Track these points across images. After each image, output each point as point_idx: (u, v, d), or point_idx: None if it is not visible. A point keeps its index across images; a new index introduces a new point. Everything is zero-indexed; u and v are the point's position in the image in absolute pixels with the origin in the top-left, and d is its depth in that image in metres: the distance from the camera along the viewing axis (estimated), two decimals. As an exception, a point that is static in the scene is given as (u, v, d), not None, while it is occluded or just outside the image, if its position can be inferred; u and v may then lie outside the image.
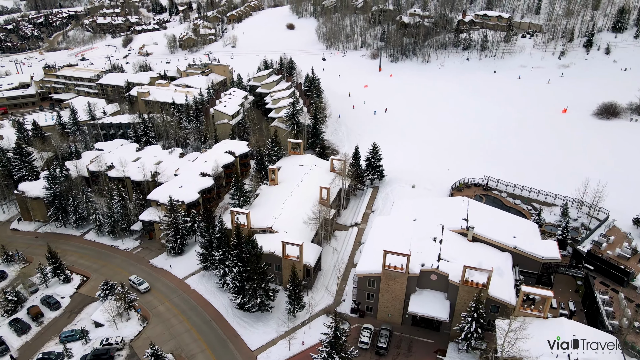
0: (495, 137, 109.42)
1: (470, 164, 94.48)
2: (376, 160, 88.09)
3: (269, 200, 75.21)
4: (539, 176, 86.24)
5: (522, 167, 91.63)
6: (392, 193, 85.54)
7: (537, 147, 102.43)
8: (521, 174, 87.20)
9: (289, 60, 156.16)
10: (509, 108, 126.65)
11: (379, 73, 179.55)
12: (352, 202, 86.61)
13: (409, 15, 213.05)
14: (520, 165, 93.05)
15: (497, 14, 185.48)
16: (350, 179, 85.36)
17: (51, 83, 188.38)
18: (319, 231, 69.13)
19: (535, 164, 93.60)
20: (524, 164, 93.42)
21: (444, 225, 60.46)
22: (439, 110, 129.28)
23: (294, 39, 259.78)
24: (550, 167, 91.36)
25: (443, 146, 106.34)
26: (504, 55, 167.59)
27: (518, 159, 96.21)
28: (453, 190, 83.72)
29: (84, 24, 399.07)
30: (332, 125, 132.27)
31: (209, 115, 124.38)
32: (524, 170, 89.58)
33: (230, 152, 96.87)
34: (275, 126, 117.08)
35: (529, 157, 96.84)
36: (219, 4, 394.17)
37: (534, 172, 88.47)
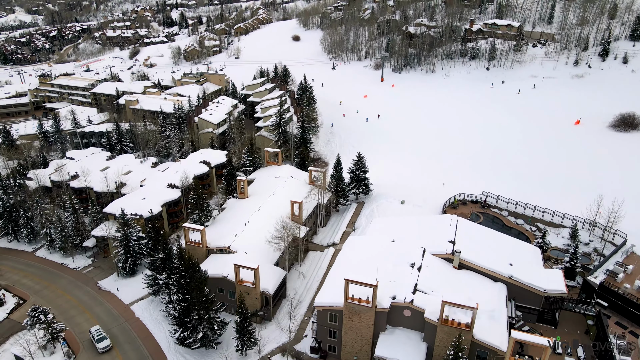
0: (499, 150, 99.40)
1: (469, 179, 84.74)
2: (361, 172, 78.94)
3: (234, 215, 66.56)
4: (545, 193, 76.01)
5: (527, 183, 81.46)
6: (377, 209, 76.13)
7: (544, 161, 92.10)
8: (525, 190, 77.12)
9: (283, 68, 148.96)
10: (516, 119, 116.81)
11: (380, 83, 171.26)
12: (333, 219, 77.34)
13: (415, 25, 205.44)
14: (524, 180, 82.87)
15: (506, 23, 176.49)
16: (331, 193, 76.38)
17: (45, 92, 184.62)
18: (285, 252, 59.92)
19: (542, 179, 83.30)
20: (529, 180, 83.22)
21: (426, 249, 50.82)
22: (439, 121, 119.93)
23: (299, 50, 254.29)
24: (558, 183, 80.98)
25: (440, 159, 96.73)
26: (514, 65, 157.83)
27: (522, 174, 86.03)
28: (446, 207, 73.96)
29: (94, 37, 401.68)
30: (324, 136, 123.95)
31: (192, 124, 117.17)
32: (529, 187, 79.44)
33: (205, 162, 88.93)
34: (261, 135, 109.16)
35: (535, 172, 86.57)
36: (228, 17, 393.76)
37: (540, 189, 78.26)
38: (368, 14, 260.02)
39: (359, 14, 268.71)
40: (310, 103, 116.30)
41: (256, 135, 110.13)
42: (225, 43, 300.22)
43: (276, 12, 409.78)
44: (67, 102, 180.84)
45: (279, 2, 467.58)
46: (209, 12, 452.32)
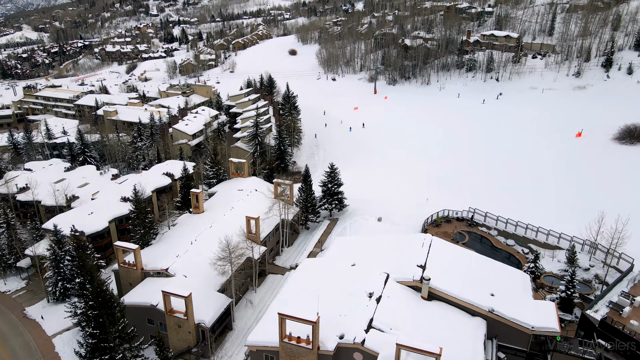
0: (491, 163, 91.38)
1: (457, 195, 76.53)
2: (334, 185, 70.87)
3: (183, 232, 58.55)
4: (539, 210, 67.60)
5: (520, 199, 73.10)
6: (351, 227, 67.80)
7: (540, 175, 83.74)
8: (518, 207, 68.69)
9: (269, 78, 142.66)
10: (512, 131, 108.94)
11: (373, 95, 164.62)
12: (301, 237, 69.03)
13: (411, 38, 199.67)
14: (517, 196, 74.51)
15: (505, 34, 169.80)
16: (299, 208, 68.30)
17: (29, 104, 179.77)
18: (232, 276, 51.58)
19: (537, 195, 74.92)
20: (521, 196, 74.87)
21: (390, 275, 42.39)
22: (428, 133, 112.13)
23: (295, 64, 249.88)
24: (555, 199, 72.54)
25: (426, 173, 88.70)
26: (512, 77, 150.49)
27: (515, 189, 77.67)
28: (427, 225, 65.49)
29: (93, 52, 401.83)
30: (308, 148, 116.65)
31: (166, 135, 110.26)
32: (522, 203, 71.07)
33: (168, 174, 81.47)
34: (236, 147, 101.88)
35: (529, 187, 78.22)
36: (229, 33, 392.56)
37: (534, 205, 69.88)
38: (365, 28, 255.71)
39: (357, 28, 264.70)
40: (292, 113, 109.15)
41: (232, 146, 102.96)
42: (222, 57, 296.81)
43: (276, 28, 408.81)
44: (51, 114, 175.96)
45: (280, 18, 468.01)
46: (210, 29, 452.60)
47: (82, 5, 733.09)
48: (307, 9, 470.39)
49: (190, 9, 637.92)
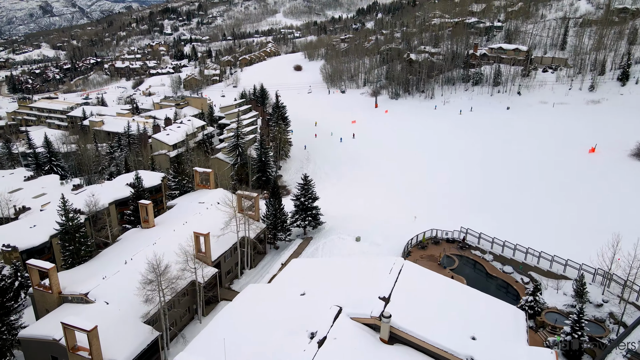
0: (490, 180, 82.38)
1: (450, 213, 67.45)
2: (308, 199, 62.48)
3: (122, 250, 50.58)
4: (542, 232, 58.08)
5: (521, 220, 63.73)
6: (324, 248, 59.04)
7: (546, 193, 74.31)
8: (518, 228, 59.38)
9: (261, 89, 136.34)
10: (518, 147, 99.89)
11: (374, 109, 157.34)
12: (268, 258, 60.47)
13: (417, 52, 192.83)
14: (517, 216, 65.15)
15: (514, 47, 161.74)
16: (266, 225, 60.00)
17: (23, 115, 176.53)
18: (161, 304, 43.12)
19: (540, 215, 65.44)
20: (523, 216, 65.46)
21: (343, 308, 33.57)
22: (426, 147, 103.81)
23: (299, 79, 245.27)
24: (561, 220, 62.95)
25: (418, 189, 79.90)
26: (521, 91, 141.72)
27: (515, 209, 68.40)
28: (411, 247, 56.44)
29: (103, 68, 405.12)
30: (297, 161, 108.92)
31: (146, 145, 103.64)
32: (523, 224, 61.66)
33: (132, 184, 73.99)
34: (216, 158, 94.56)
35: (532, 206, 68.84)
36: (237, 50, 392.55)
37: (535, 227, 60.39)
38: (372, 44, 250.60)
39: (363, 44, 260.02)
40: (279, 123, 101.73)
41: (212, 157, 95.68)
42: (228, 73, 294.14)
43: (285, 46, 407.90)
44: (44, 126, 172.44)
45: (291, 37, 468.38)
46: (220, 47, 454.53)
47: (100, 25, 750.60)
48: (317, 28, 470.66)
49: (204, 28, 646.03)
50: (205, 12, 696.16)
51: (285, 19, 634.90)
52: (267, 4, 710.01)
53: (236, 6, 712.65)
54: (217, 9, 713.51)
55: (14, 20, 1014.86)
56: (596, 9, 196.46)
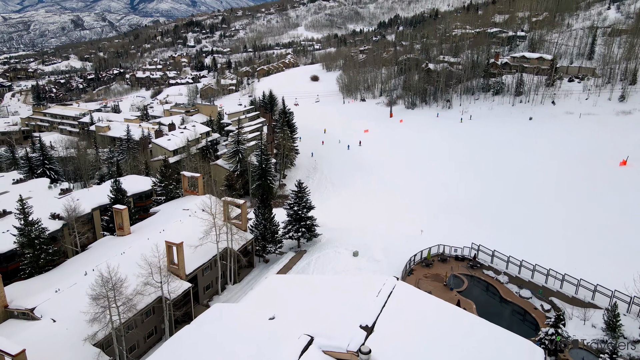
0: (509, 193, 75.10)
1: (461, 228, 60.60)
2: (302, 209, 56.68)
3: (87, 259, 45.71)
4: (567, 252, 50.68)
5: (543, 237, 56.36)
6: (316, 262, 52.96)
7: (572, 208, 66.62)
8: (539, 247, 52.14)
9: (269, 95, 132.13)
10: (541, 159, 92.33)
11: (388, 119, 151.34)
12: (255, 272, 54.70)
13: (435, 62, 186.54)
14: (538, 233, 57.77)
15: (537, 56, 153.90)
16: (254, 235, 54.39)
17: (37, 121, 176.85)
18: (111, 325, 37.72)
19: (565, 232, 57.90)
20: (546, 233, 58.06)
21: (315, 338, 27.43)
22: (440, 158, 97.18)
23: (316, 89, 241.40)
24: (589, 239, 55.33)
25: (428, 201, 73.23)
26: (544, 101, 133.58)
27: (536, 225, 60.95)
28: (414, 264, 49.85)
29: (125, 78, 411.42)
30: (304, 170, 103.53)
31: (146, 149, 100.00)
32: (545, 242, 54.33)
33: (116, 189, 69.71)
34: (216, 165, 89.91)
35: (556, 223, 61.30)
36: (256, 61, 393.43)
37: (561, 245, 53.01)
38: (390, 55, 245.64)
39: (381, 55, 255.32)
40: (283, 129, 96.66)
41: (212, 164, 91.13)
42: (245, 83, 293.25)
43: (304, 57, 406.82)
44: (56, 132, 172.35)
45: (311, 49, 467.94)
46: (240, 58, 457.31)
47: (127, 38, 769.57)
48: (337, 40, 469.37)
49: (226, 40, 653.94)
50: (228, 25, 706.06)
51: (307, 32, 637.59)
52: (289, 17, 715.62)
53: (259, 19, 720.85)
54: (240, 22, 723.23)
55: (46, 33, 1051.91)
56: (626, 18, 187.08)
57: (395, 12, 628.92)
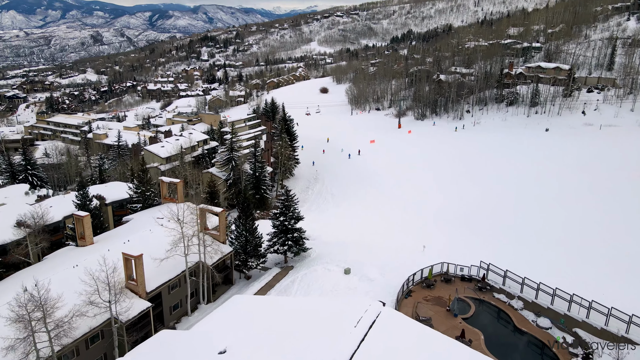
0: (523, 208, 67.94)
1: (469, 244, 53.88)
2: (289, 219, 50.54)
3: (37, 274, 39.92)
4: (596, 274, 43.50)
5: (564, 257, 49.21)
6: (302, 281, 46.54)
7: (595, 225, 59.30)
8: (560, 268, 45.10)
9: (271, 102, 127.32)
10: (558, 171, 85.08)
11: (397, 130, 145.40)
12: (234, 290, 48.49)
13: (447, 73, 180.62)
14: (560, 252, 50.64)
15: (554, 65, 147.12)
16: (234, 248, 48.36)
17: (40, 129, 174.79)
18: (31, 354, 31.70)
19: (591, 252, 50.63)
20: (567, 252, 50.87)
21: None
22: (448, 169, 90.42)
23: (324, 101, 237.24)
24: (619, 259, 48.01)
25: (434, 214, 66.49)
26: (562, 112, 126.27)
27: (555, 242, 53.78)
28: (413, 284, 43.14)
29: (136, 90, 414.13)
30: (304, 180, 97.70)
31: (137, 156, 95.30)
32: (566, 262, 47.21)
33: (98, 196, 64.59)
34: (209, 172, 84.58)
35: (578, 241, 54.05)
36: (267, 74, 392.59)
37: (585, 266, 45.83)
38: (401, 67, 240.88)
39: (392, 67, 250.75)
40: (282, 136, 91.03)
41: (204, 171, 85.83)
42: (254, 95, 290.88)
43: (315, 71, 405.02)
44: (59, 140, 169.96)
45: (322, 63, 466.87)
46: (252, 72, 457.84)
47: (143, 52, 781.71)
48: (349, 55, 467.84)
49: (239, 55, 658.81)
50: (242, 40, 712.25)
51: (320, 47, 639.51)
52: (303, 32, 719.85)
53: (272, 34, 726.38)
54: (253, 37, 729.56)
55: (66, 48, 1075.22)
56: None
57: (408, 27, 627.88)
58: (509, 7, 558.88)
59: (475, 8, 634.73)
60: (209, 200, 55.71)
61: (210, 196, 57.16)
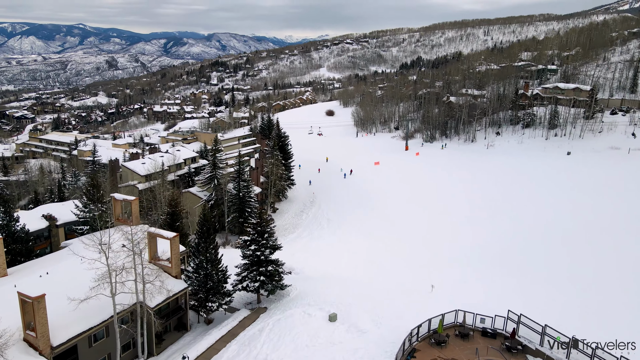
0: (552, 241, 56.90)
1: (491, 288, 42.90)
2: (263, 249, 40.23)
3: None
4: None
5: (623, 305, 38.12)
6: (273, 329, 35.82)
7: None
8: (618, 319, 34.04)
9: (267, 120, 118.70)
10: (587, 200, 74.05)
11: (404, 152, 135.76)
12: (188, 338, 37.84)
13: (458, 95, 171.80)
14: (613, 298, 39.54)
15: (574, 86, 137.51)
16: (189, 284, 38.05)
17: (32, 147, 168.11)
18: None
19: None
20: (623, 296, 39.77)
21: None
22: (460, 195, 79.96)
23: (329, 123, 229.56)
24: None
25: (443, 247, 55.70)
26: (584, 135, 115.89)
27: (608, 284, 42.67)
28: (418, 340, 32.26)
29: (142, 112, 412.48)
30: (300, 203, 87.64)
31: (115, 173, 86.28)
32: (623, 312, 36.12)
33: (48, 216, 55.16)
34: (189, 192, 74.98)
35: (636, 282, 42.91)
36: (274, 98, 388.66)
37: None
38: (409, 89, 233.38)
39: (401, 90, 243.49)
40: (274, 154, 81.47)
41: (184, 191, 76.27)
42: (259, 118, 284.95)
43: (323, 95, 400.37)
44: (50, 158, 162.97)
45: (330, 87, 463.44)
46: (259, 95, 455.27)
47: (154, 77, 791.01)
48: (357, 80, 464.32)
49: (248, 79, 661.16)
50: (251, 65, 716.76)
51: (329, 73, 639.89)
52: (312, 58, 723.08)
53: (282, 60, 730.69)
54: (263, 62, 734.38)
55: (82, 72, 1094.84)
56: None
57: (417, 55, 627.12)
58: (518, 37, 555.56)
59: (484, 37, 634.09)
60: (169, 224, 45.45)
61: (171, 218, 46.78)
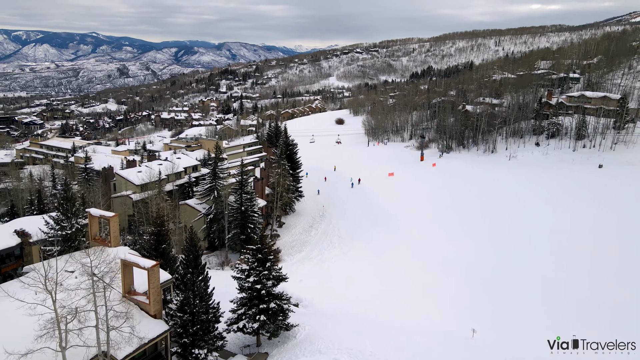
0: (585, 269, 48.75)
1: (536, 323, 34.86)
2: (263, 278, 32.68)
3: None
4: None
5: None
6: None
7: None
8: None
9: (275, 127, 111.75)
10: (626, 221, 65.68)
11: (419, 163, 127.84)
12: (164, 395, 30.31)
13: (474, 103, 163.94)
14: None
15: (602, 95, 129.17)
16: (170, 327, 30.49)
17: (32, 153, 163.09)
18: None
19: None
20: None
21: None
22: (484, 212, 71.86)
23: (339, 131, 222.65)
24: None
25: (485, 279, 47.63)
26: (616, 147, 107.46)
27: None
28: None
29: (150, 119, 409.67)
30: (308, 217, 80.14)
31: (108, 182, 79.56)
32: None
33: (21, 232, 48.27)
34: (186, 204, 67.81)
35: None
36: (282, 106, 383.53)
37: None
38: (422, 98, 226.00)
39: (413, 98, 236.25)
40: (281, 163, 74.24)
41: (181, 203, 69.17)
42: (267, 125, 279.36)
43: (332, 103, 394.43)
44: (49, 164, 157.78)
45: (340, 96, 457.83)
46: (268, 103, 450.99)
47: (164, 85, 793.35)
48: (367, 88, 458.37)
49: (257, 88, 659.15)
50: (261, 74, 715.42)
51: (338, 82, 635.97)
52: (322, 67, 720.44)
53: (291, 69, 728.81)
54: (272, 71, 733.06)
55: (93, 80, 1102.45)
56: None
57: (428, 64, 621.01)
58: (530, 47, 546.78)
59: (495, 47, 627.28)
60: (153, 247, 38.02)
61: (156, 239, 39.06)
